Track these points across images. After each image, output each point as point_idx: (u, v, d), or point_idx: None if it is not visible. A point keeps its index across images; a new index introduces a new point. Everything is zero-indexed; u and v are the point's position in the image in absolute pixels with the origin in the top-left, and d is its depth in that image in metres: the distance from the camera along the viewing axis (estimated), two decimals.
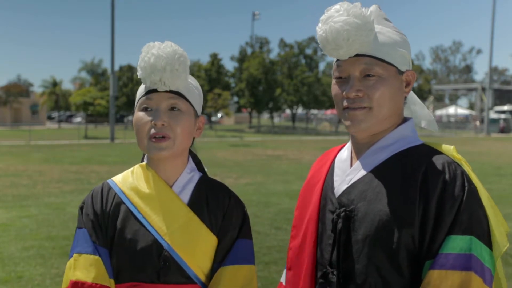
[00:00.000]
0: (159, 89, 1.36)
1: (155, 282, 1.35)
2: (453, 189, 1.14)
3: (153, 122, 1.35)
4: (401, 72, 1.26)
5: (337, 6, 1.21)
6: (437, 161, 1.20)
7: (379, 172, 1.24)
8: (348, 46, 1.19)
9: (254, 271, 1.43)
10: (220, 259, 1.40)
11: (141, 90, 1.43)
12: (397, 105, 1.27)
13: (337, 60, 1.27)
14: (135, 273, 1.36)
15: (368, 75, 1.22)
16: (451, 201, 1.13)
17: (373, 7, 1.30)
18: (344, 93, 1.24)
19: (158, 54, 1.33)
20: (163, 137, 1.35)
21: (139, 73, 1.37)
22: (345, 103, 1.25)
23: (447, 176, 1.16)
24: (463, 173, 1.18)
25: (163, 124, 1.35)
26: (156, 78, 1.34)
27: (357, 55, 1.22)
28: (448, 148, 1.25)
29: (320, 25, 1.22)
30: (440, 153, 1.24)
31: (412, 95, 1.42)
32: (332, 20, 1.19)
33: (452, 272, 1.09)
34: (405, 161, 1.23)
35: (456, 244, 1.11)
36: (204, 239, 1.39)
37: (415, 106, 1.43)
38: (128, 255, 1.36)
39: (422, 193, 1.16)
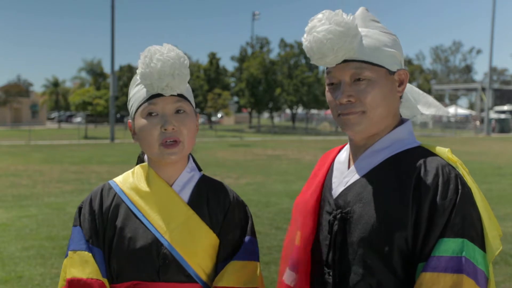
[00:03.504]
0: (165, 94, 1.36)
1: (156, 280, 1.35)
2: (446, 192, 1.15)
3: (162, 127, 1.35)
4: (392, 72, 1.26)
5: (319, 15, 1.23)
6: (431, 164, 1.20)
7: (374, 175, 1.25)
8: (334, 54, 1.20)
9: (258, 267, 1.43)
10: (223, 258, 1.40)
11: (140, 95, 1.40)
12: (391, 106, 1.27)
13: (327, 67, 1.28)
14: (135, 271, 1.36)
15: (358, 79, 1.23)
16: (444, 204, 1.14)
17: (360, 10, 1.30)
18: (336, 99, 1.24)
19: (164, 59, 1.32)
20: (175, 141, 1.36)
21: (143, 80, 1.35)
22: (338, 110, 1.25)
23: (440, 180, 1.16)
24: (457, 176, 1.18)
25: (173, 129, 1.35)
26: (163, 84, 1.33)
27: (345, 60, 1.23)
28: (443, 151, 1.25)
29: (305, 35, 1.24)
30: (434, 155, 1.23)
31: (412, 88, 1.41)
32: (315, 30, 1.21)
33: (444, 275, 1.10)
34: (399, 164, 1.23)
35: (448, 246, 1.12)
36: (204, 237, 1.39)
37: (419, 96, 1.41)
38: (128, 254, 1.36)
39: (415, 197, 1.16)
